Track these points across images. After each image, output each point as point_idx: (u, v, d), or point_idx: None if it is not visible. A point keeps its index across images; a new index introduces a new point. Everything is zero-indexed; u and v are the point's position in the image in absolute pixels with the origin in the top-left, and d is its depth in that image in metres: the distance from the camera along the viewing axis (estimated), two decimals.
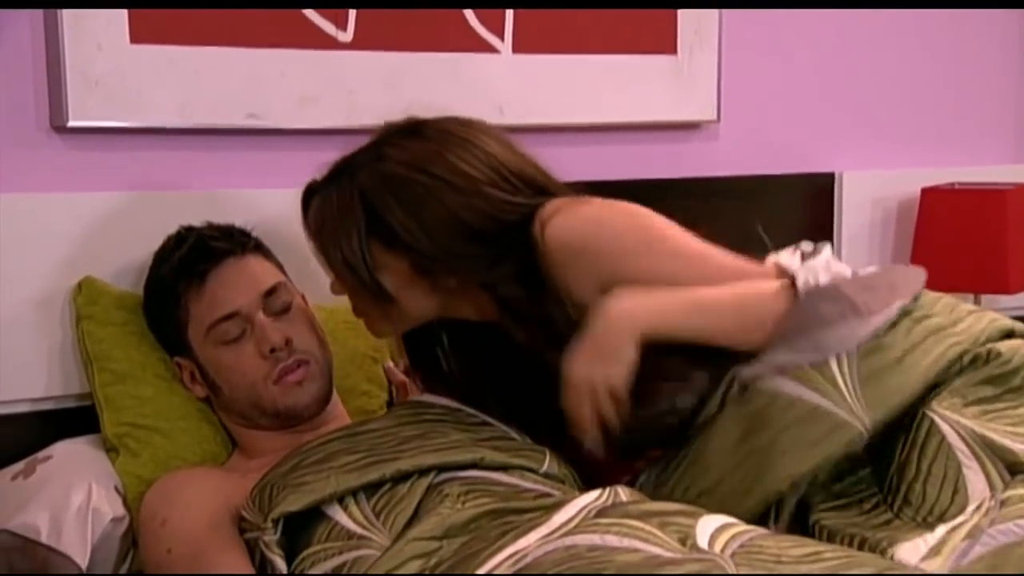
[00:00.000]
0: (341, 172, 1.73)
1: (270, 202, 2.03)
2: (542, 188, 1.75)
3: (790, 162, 2.73)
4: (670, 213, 2.50)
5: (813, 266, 1.78)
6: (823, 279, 1.76)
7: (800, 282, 1.74)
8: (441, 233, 1.68)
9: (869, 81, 2.84)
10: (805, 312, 1.71)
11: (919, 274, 1.82)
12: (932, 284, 2.71)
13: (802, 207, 2.73)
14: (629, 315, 1.62)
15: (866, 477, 1.69)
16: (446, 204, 1.68)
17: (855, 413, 1.63)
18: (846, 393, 1.64)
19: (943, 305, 1.79)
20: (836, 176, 2.76)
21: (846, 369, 1.66)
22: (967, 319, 1.76)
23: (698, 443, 1.66)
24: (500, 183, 1.71)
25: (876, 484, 1.68)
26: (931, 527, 1.55)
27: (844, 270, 1.82)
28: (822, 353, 1.67)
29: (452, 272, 1.71)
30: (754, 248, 2.55)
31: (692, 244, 1.74)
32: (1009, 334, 1.75)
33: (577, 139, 2.50)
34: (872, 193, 2.81)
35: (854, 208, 2.78)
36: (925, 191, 2.76)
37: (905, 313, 1.73)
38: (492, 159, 1.72)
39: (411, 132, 1.75)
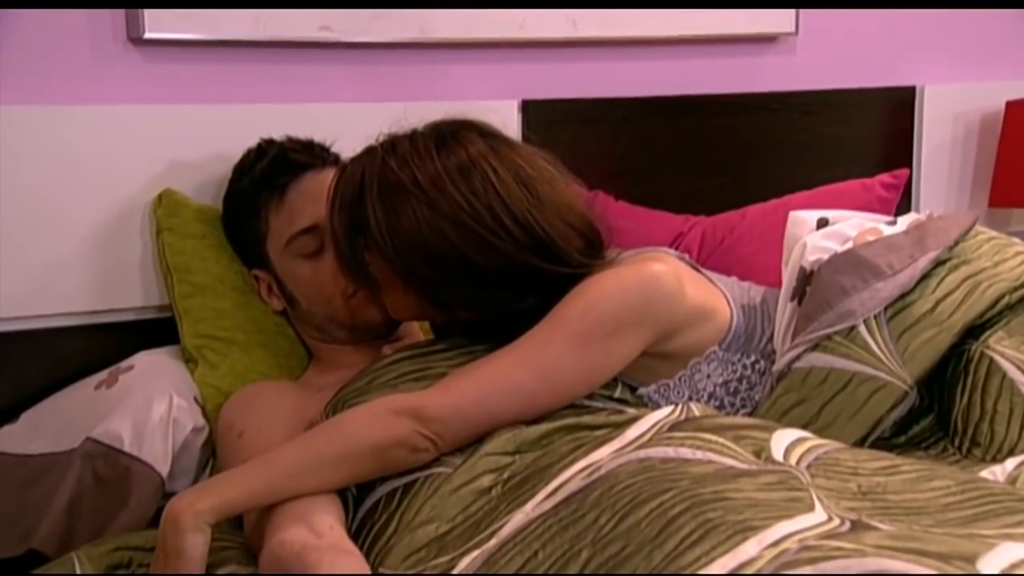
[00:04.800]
0: (373, 150, 1.69)
1: (343, 116, 2.03)
2: (550, 249, 1.63)
3: (870, 76, 2.68)
4: (746, 128, 2.51)
5: (823, 245, 1.76)
6: (840, 247, 1.75)
7: (808, 265, 1.74)
8: (403, 242, 1.62)
9: None
10: (824, 286, 1.70)
11: (962, 221, 1.80)
12: (1015, 200, 2.70)
13: (882, 122, 2.67)
14: (187, 510, 1.45)
15: (930, 426, 1.69)
16: (417, 216, 1.61)
17: (894, 372, 1.63)
18: (881, 354, 1.64)
19: (991, 247, 1.77)
20: (917, 90, 2.70)
21: (876, 331, 1.66)
22: (1012, 260, 1.74)
23: None
24: (487, 221, 1.60)
25: (941, 430, 1.68)
26: (1000, 462, 1.55)
27: (881, 228, 1.80)
28: (847, 320, 1.66)
29: (405, 282, 1.66)
30: (830, 164, 2.54)
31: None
32: None
33: (652, 52, 2.46)
34: (954, 107, 2.75)
35: (935, 123, 2.72)
36: (1010, 104, 2.70)
37: (939, 263, 1.71)
38: (494, 196, 1.61)
39: (441, 135, 1.66)
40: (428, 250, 1.61)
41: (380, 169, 1.64)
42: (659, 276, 1.64)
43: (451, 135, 1.66)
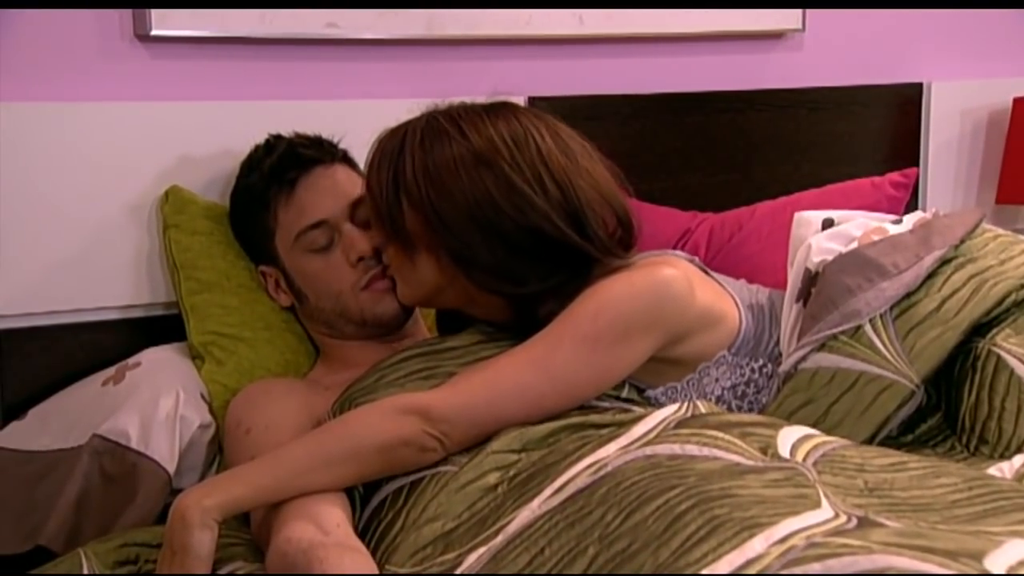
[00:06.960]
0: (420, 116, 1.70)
1: (350, 113, 2.03)
2: (580, 219, 1.64)
3: (877, 72, 2.67)
4: (753, 125, 2.51)
5: (827, 246, 1.76)
6: (845, 248, 1.75)
7: (813, 266, 1.73)
8: (439, 186, 1.62)
9: None
10: (829, 286, 1.70)
11: (968, 219, 1.80)
12: (1022, 197, 2.69)
13: (889, 119, 2.67)
14: (194, 506, 1.45)
15: (937, 424, 1.69)
16: (456, 161, 1.62)
17: (900, 371, 1.63)
18: (887, 354, 1.64)
19: (997, 244, 1.77)
20: (924, 86, 2.70)
21: (882, 330, 1.65)
22: (1018, 258, 1.74)
23: None
24: (525, 173, 1.62)
25: (949, 428, 1.68)
26: (1008, 459, 1.55)
27: (887, 227, 1.79)
28: (853, 320, 1.66)
29: (434, 234, 1.65)
30: (837, 160, 2.54)
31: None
32: None
33: (659, 49, 2.46)
34: (961, 104, 2.75)
35: (943, 119, 2.72)
36: (1017, 101, 2.69)
37: (945, 262, 1.71)
38: (536, 153, 1.63)
39: (491, 105, 1.69)
40: (462, 196, 1.62)
41: (426, 121, 1.67)
42: (670, 280, 1.64)
43: (501, 105, 1.69)
